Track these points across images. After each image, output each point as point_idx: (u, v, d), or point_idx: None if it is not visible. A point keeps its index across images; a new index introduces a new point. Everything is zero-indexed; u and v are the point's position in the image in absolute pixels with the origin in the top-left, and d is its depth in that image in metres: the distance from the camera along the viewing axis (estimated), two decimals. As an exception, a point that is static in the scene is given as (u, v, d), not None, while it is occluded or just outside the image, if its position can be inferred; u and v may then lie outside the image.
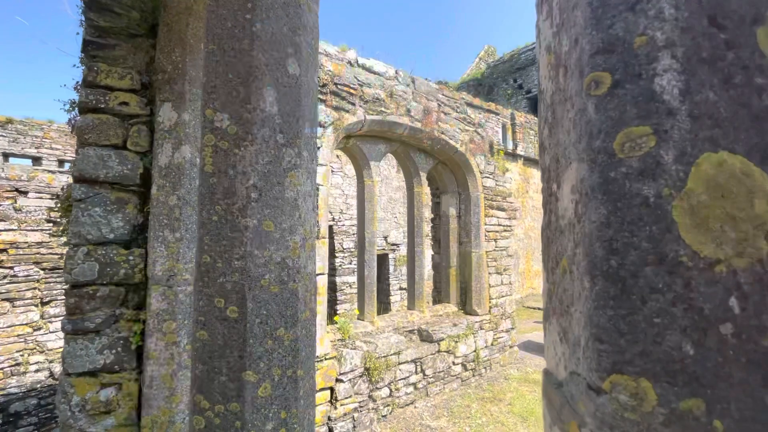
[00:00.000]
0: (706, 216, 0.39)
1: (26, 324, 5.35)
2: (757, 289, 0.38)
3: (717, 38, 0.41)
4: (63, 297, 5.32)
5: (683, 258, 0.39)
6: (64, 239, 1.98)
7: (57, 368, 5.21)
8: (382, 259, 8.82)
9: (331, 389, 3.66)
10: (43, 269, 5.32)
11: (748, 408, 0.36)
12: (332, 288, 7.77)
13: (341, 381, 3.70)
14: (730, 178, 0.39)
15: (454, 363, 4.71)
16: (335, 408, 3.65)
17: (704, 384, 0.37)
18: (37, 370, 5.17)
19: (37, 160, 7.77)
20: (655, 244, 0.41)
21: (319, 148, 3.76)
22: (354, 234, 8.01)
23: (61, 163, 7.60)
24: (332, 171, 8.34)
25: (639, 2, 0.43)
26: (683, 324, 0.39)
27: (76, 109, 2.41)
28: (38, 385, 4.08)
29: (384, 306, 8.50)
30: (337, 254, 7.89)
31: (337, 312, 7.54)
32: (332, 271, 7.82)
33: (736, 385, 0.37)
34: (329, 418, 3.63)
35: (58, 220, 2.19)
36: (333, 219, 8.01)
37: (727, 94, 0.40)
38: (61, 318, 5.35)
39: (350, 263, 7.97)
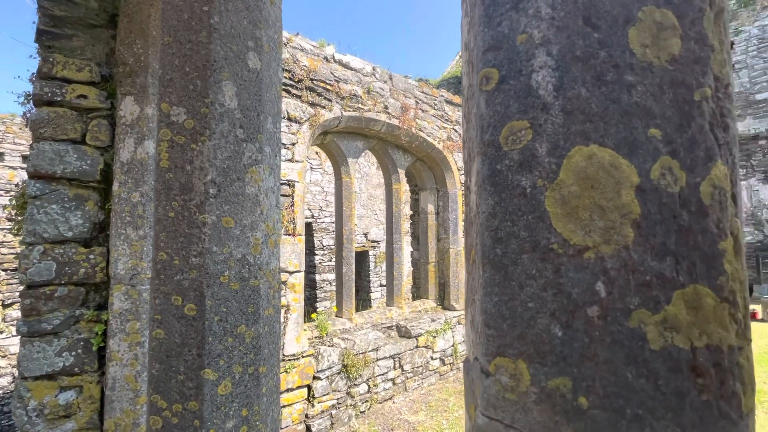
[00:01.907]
0: (576, 206, 0.41)
1: (-13, 327, 5.11)
2: (622, 273, 0.40)
3: (591, 37, 0.43)
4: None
5: (554, 245, 0.42)
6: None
7: (23, 373, 5.00)
8: (363, 256, 8.82)
9: (309, 387, 3.65)
10: (3, 270, 5.09)
11: (612, 385, 0.39)
12: (311, 285, 7.73)
13: (319, 378, 3.70)
14: (600, 170, 0.41)
15: (432, 358, 4.77)
16: (313, 406, 3.65)
17: (571, 363, 0.40)
18: (-1, 376, 4.95)
19: (-1, 156, 7.39)
20: (531, 232, 0.43)
21: (294, 144, 3.72)
22: (334, 231, 7.97)
23: (25, 158, 7.27)
24: (311, 168, 8.26)
25: (521, 1, 0.45)
26: (552, 307, 0.41)
27: (31, 101, 2.31)
28: (0, 391, 3.91)
29: (364, 303, 8.51)
30: (316, 252, 7.84)
31: (317, 309, 7.51)
32: (311, 269, 7.77)
33: (601, 363, 0.39)
34: (306, 416, 3.62)
35: (15, 217, 2.10)
36: (312, 216, 7.95)
37: (598, 90, 0.42)
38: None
39: (330, 260, 7.94)
